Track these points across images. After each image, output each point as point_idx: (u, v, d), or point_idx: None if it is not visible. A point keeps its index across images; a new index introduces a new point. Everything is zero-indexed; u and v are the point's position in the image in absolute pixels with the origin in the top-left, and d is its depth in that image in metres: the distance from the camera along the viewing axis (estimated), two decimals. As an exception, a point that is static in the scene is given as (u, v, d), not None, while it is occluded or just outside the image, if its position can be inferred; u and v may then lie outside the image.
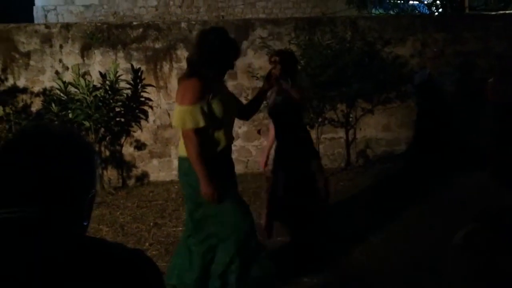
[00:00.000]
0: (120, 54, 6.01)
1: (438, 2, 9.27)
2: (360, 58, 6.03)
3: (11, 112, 4.70)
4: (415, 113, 6.39)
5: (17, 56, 5.75)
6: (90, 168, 0.89)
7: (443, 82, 6.13)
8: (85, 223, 0.90)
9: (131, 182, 6.16)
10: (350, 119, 6.45)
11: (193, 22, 6.24)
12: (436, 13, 9.27)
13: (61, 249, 0.77)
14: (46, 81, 5.81)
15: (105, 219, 4.66)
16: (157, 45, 6.09)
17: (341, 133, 6.57)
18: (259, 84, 5.83)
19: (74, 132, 0.93)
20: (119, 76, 5.72)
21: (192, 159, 2.54)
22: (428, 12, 9.39)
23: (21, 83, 5.75)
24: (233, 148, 6.24)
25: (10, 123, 4.71)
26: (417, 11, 9.45)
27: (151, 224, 4.42)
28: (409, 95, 6.41)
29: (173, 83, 6.15)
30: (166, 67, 6.13)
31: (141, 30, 6.06)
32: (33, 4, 9.71)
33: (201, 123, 2.52)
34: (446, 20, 7.07)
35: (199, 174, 2.52)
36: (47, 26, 5.93)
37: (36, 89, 5.78)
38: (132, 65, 6.00)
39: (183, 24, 6.18)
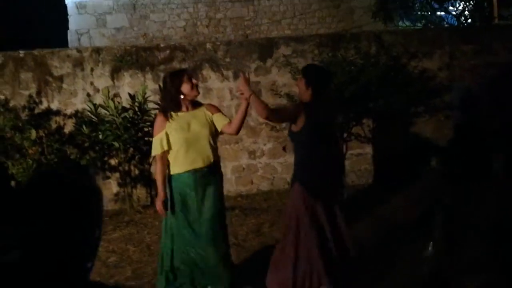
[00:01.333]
0: (148, 75, 6.20)
1: (466, 12, 9.09)
2: (386, 73, 5.97)
3: (43, 135, 4.90)
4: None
5: (50, 79, 6.02)
6: (95, 206, 0.94)
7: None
8: (89, 265, 0.94)
9: (159, 200, 6.26)
10: (377, 134, 6.38)
11: (218, 43, 6.37)
12: (465, 24, 9.08)
13: None
14: (78, 103, 6.05)
15: (133, 238, 4.76)
16: (184, 66, 6.23)
17: (367, 148, 6.50)
18: (283, 101, 5.89)
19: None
20: (147, 97, 5.88)
21: (155, 177, 3.37)
22: (456, 23, 9.21)
23: (54, 105, 6.01)
24: (258, 165, 6.33)
25: (43, 146, 4.91)
26: (445, 23, 9.29)
27: (177, 243, 4.48)
28: (439, 109, 6.28)
29: (199, 102, 6.27)
30: (192, 87, 6.25)
31: (168, 51, 6.23)
32: (67, 28, 10.15)
33: (158, 151, 3.23)
34: (474, 31, 6.93)
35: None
36: (78, 50, 6.19)
37: (69, 111, 6.01)
38: (159, 86, 6.16)
39: (208, 45, 6.32)
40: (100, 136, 5.59)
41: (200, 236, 3.16)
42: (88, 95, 6.07)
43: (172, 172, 3.23)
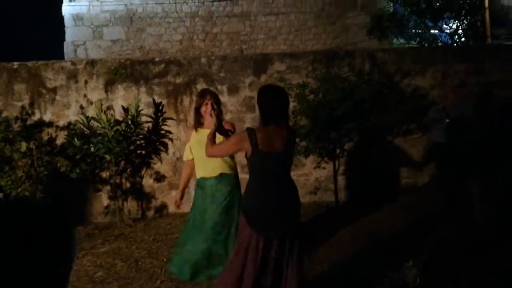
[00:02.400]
0: (142, 88, 6.20)
1: (460, 31, 9.18)
2: (379, 90, 6.01)
3: (34, 147, 4.88)
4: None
5: (44, 91, 6.01)
6: (62, 248, 0.92)
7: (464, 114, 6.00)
8: None
9: (150, 213, 6.23)
10: (369, 151, 6.39)
11: (213, 58, 6.39)
12: (458, 42, 9.17)
13: None
14: (71, 115, 6.03)
15: (121, 253, 4.71)
16: (178, 80, 6.25)
17: (359, 165, 6.50)
18: (276, 117, 5.89)
19: (51, 209, 0.96)
20: (140, 110, 5.88)
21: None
22: (450, 42, 9.31)
23: (47, 117, 5.99)
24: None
25: (33, 158, 4.88)
26: (439, 41, 9.38)
27: (165, 259, 4.43)
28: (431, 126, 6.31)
29: (193, 116, 6.27)
30: (186, 101, 6.27)
31: (162, 65, 6.25)
32: (64, 40, 10.19)
33: (184, 157, 4.23)
34: (467, 50, 6.99)
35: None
36: (73, 62, 6.19)
37: (61, 123, 5.99)
38: (153, 99, 6.18)
39: (203, 60, 6.34)
40: (92, 149, 5.57)
41: (205, 232, 3.76)
42: (81, 107, 6.05)
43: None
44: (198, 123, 3.95)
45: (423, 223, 4.92)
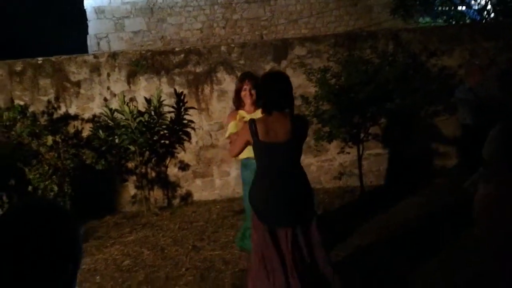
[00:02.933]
0: (164, 79, 6.23)
1: (489, 7, 8.80)
2: (403, 72, 5.83)
3: (60, 140, 4.98)
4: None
5: (68, 85, 6.13)
6: (69, 245, 0.92)
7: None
8: None
9: (175, 201, 6.31)
10: (395, 134, 6.25)
11: (232, 45, 6.34)
12: (487, 19, 8.79)
13: None
14: (95, 108, 6.13)
15: (148, 241, 4.79)
16: (198, 69, 6.25)
17: (386, 149, 6.38)
18: (297, 102, 5.81)
19: (57, 209, 0.96)
20: (162, 100, 5.92)
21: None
22: (478, 18, 8.93)
23: (72, 110, 6.11)
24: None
25: (59, 151, 4.99)
26: (466, 18, 9.01)
27: (190, 247, 4.49)
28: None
29: (214, 105, 6.28)
30: (207, 90, 6.27)
31: (182, 55, 6.25)
32: (87, 33, 10.32)
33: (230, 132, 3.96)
34: (496, 27, 6.70)
35: None
36: (95, 56, 6.27)
37: (86, 116, 6.11)
38: (175, 89, 6.20)
39: (222, 48, 6.31)
40: (117, 140, 5.66)
41: None
42: (105, 99, 6.14)
43: None
44: (239, 106, 4.03)
45: (452, 209, 4.80)
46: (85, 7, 10.36)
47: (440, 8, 9.19)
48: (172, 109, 6.17)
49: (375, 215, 4.92)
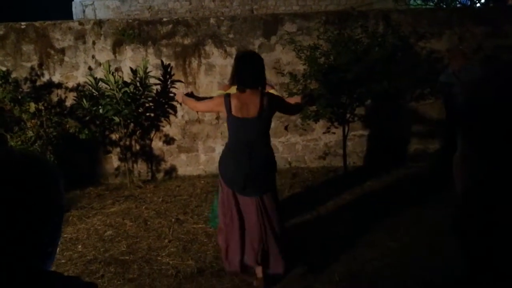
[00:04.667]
0: (150, 50, 6.11)
1: (480, -8, 8.82)
2: (392, 53, 5.83)
3: (43, 108, 4.88)
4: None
5: (52, 52, 5.97)
6: (50, 194, 0.90)
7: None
8: (49, 250, 0.91)
9: (159, 175, 6.29)
10: (381, 116, 6.29)
11: (222, 18, 6.23)
12: (478, 5, 8.81)
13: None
14: (80, 76, 6.00)
15: (131, 213, 4.79)
16: (186, 41, 6.14)
17: (370, 130, 6.43)
18: (286, 80, 5.79)
19: (35, 159, 0.93)
20: (149, 72, 5.82)
21: None
22: (469, 3, 8.94)
23: (56, 78, 5.97)
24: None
25: (42, 119, 4.89)
26: (457, 2, 9.01)
27: (173, 220, 4.51)
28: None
29: (201, 79, 6.21)
30: (194, 63, 6.18)
31: (170, 26, 6.13)
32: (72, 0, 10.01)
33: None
34: (485, 13, 6.71)
35: None
36: (80, 23, 6.10)
37: (70, 84, 5.98)
38: (162, 61, 6.10)
39: (212, 20, 6.20)
40: (101, 111, 5.57)
41: None
42: (90, 68, 6.01)
43: None
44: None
45: (427, 191, 4.90)
46: (70, -28, 10.02)
47: (431, -9, 9.17)
48: (158, 81, 6.08)
49: (352, 195, 5.01)
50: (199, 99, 3.37)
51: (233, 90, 3.24)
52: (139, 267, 3.56)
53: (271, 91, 3.62)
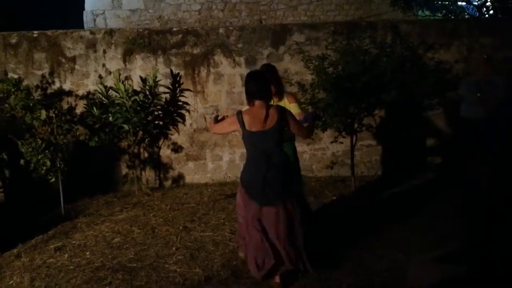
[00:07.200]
0: (160, 59, 6.18)
1: (488, 3, 8.80)
2: (400, 64, 5.84)
3: (53, 115, 4.94)
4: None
5: (63, 60, 6.05)
6: None
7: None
8: None
9: (167, 183, 6.32)
10: (389, 126, 6.28)
11: (231, 28, 6.30)
12: (486, 15, 8.80)
13: None
14: (90, 84, 6.08)
15: (138, 220, 4.81)
16: (195, 51, 6.21)
17: (378, 140, 6.42)
18: (294, 89, 5.81)
19: None
20: (158, 81, 5.89)
21: None
22: (477, 14, 8.94)
23: (66, 86, 6.06)
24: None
25: (53, 126, 4.95)
26: (465, 13, 9.01)
27: (181, 227, 4.52)
28: (453, 102, 6.14)
29: (210, 88, 6.26)
30: (203, 72, 6.24)
31: (180, 36, 6.20)
32: (83, 9, 10.16)
33: None
34: (494, 23, 6.72)
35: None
36: (91, 32, 6.19)
37: (81, 92, 6.06)
38: (171, 70, 6.16)
39: (221, 30, 6.26)
40: (110, 118, 5.63)
41: None
42: (100, 77, 6.09)
43: None
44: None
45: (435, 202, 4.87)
46: (82, -18, 10.18)
47: (439, 2, 9.17)
48: (167, 90, 6.14)
49: (359, 205, 4.99)
50: (217, 121, 3.52)
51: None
52: (146, 274, 3.57)
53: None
